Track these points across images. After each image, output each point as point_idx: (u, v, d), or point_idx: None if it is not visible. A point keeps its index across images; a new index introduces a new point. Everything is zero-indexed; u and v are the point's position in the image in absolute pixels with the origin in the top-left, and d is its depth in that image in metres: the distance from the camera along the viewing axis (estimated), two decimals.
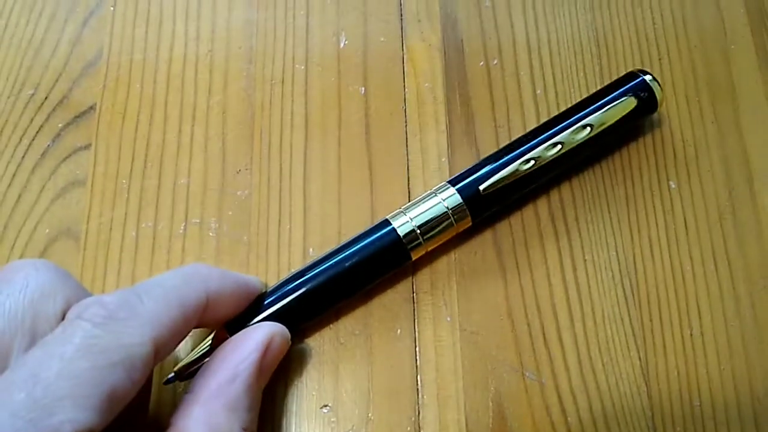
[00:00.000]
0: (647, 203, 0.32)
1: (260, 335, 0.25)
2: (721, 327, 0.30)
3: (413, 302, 0.30)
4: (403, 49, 0.34)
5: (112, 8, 0.34)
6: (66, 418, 0.19)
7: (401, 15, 0.35)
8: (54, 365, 0.20)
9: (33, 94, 0.33)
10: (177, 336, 0.23)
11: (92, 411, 0.20)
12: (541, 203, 0.31)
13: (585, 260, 0.30)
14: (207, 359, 0.26)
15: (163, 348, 0.22)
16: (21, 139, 0.32)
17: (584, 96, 0.32)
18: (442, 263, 0.30)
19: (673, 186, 0.32)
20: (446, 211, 0.29)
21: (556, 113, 0.32)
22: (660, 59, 0.34)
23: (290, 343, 0.26)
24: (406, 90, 0.33)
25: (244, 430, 0.23)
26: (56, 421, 0.19)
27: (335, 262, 0.28)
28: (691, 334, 0.29)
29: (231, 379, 0.23)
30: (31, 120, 0.32)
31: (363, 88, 0.33)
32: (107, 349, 0.21)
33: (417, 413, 0.28)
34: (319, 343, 0.29)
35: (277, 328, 0.26)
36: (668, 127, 0.33)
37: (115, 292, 0.22)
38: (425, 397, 0.28)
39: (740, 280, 0.30)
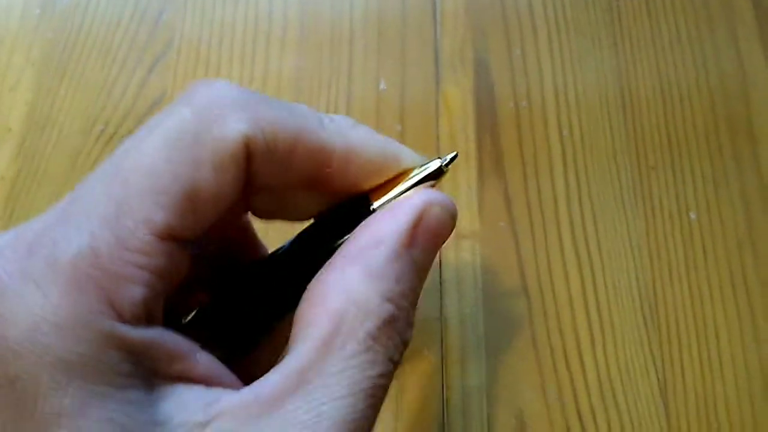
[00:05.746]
0: (667, 232, 0.33)
1: (414, 201, 0.21)
2: (738, 349, 0.30)
3: (441, 324, 0.31)
4: (437, 92, 0.37)
5: (176, 56, 0.38)
6: (141, 218, 0.17)
7: (437, 61, 0.38)
8: (133, 157, 0.18)
9: (103, 130, 0.36)
10: (282, 150, 0.20)
11: (169, 211, 0.17)
12: (565, 233, 0.33)
13: (606, 286, 0.32)
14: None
15: (260, 153, 0.19)
16: (91, 169, 0.35)
17: (608, 136, 0.34)
18: (469, 287, 0.32)
19: (693, 217, 0.33)
20: None
21: (582, 152, 0.34)
22: (681, 100, 0.36)
23: (455, 219, 0.21)
24: (440, 129, 0.36)
25: (389, 301, 0.20)
26: (130, 223, 0.17)
27: None
28: (709, 356, 0.30)
29: (374, 244, 0.20)
30: (101, 152, 0.36)
31: (400, 126, 0.36)
32: (196, 142, 0.18)
33: (443, 429, 0.29)
34: None
35: (437, 197, 0.21)
36: (688, 161, 0.34)
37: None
38: (451, 414, 0.30)
39: (758, 306, 0.31)
